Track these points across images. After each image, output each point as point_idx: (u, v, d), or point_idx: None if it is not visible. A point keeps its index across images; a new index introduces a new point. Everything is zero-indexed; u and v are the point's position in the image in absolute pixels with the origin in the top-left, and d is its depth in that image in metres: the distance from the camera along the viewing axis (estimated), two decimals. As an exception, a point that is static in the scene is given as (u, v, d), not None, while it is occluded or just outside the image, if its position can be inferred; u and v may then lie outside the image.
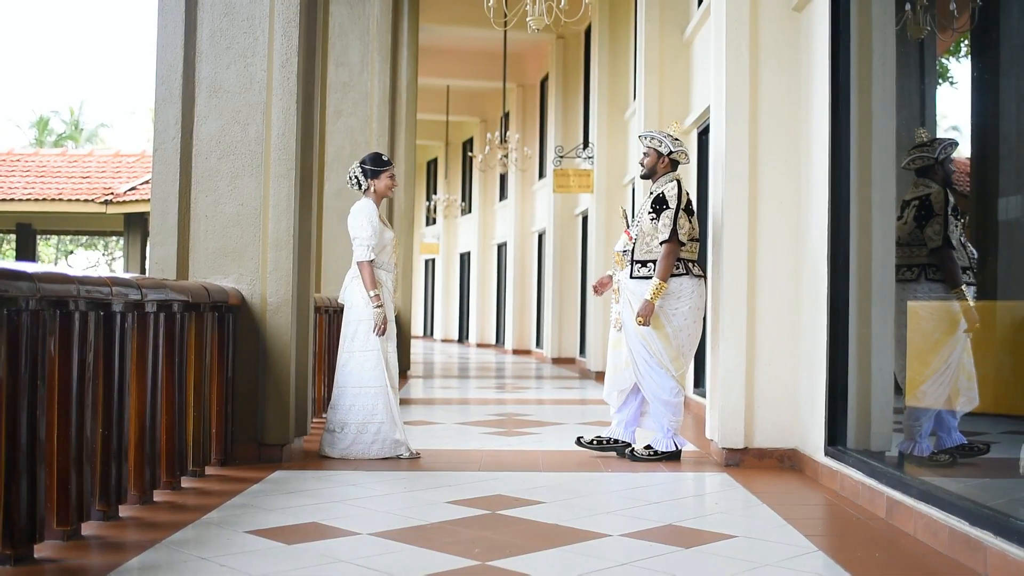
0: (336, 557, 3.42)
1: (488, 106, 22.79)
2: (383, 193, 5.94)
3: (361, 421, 5.71)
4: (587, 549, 3.60)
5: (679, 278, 5.74)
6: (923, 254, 4.84)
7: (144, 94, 67.49)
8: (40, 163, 19.47)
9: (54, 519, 3.46)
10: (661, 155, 5.92)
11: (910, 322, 4.95)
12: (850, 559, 3.54)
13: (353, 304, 5.81)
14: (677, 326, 5.74)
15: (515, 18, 9.36)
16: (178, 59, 5.56)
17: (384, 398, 5.73)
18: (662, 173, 5.94)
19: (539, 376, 13.98)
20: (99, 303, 3.71)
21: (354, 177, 5.92)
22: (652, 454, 5.78)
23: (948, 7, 4.85)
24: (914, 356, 4.93)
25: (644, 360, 5.78)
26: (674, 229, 5.69)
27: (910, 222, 4.88)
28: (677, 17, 9.92)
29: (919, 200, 4.86)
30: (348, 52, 9.26)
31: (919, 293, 4.87)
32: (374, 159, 5.96)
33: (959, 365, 4.70)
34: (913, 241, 4.88)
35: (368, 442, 5.69)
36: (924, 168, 4.89)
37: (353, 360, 5.78)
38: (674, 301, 5.74)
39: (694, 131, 9.39)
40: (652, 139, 5.97)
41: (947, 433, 4.83)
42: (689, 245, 5.82)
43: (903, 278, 4.92)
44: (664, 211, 5.74)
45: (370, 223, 5.75)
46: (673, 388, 5.76)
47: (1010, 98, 4.60)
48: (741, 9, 5.67)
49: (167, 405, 4.47)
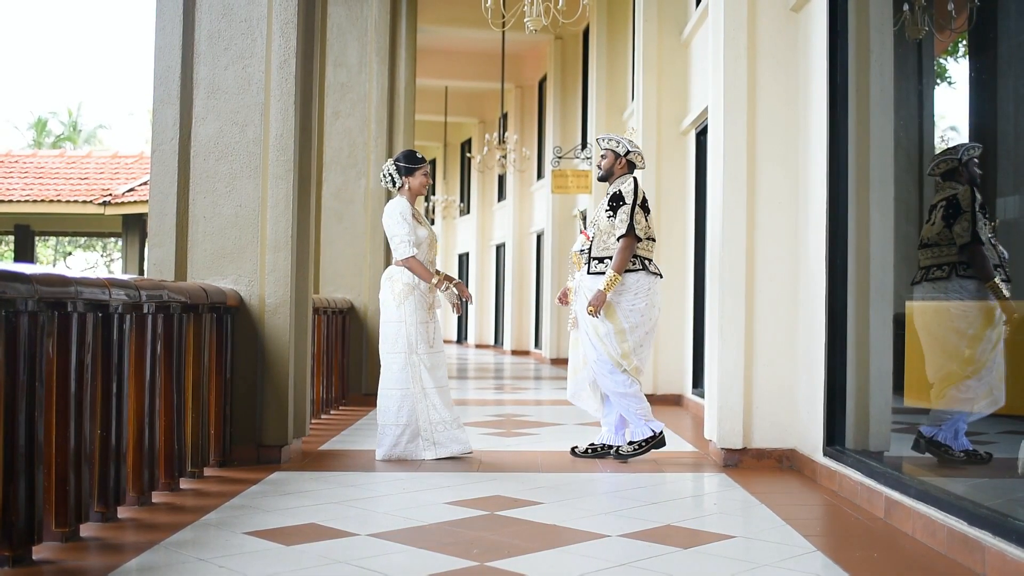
0: (335, 558, 3.42)
1: (486, 107, 22.79)
2: (417, 191, 5.90)
3: (384, 423, 5.71)
4: (586, 550, 3.60)
5: (635, 274, 5.75)
6: (952, 252, 4.81)
7: (142, 95, 67.54)
8: (38, 164, 19.47)
9: (52, 520, 3.46)
10: (618, 156, 5.95)
11: (942, 320, 4.92)
12: (849, 559, 3.54)
13: (384, 305, 5.78)
14: (634, 322, 5.73)
15: (513, 19, 9.38)
16: (176, 60, 5.56)
17: (410, 402, 5.68)
18: (619, 174, 5.96)
19: (538, 377, 13.97)
20: (97, 304, 3.71)
21: (388, 175, 5.88)
22: (636, 448, 5.78)
23: (946, 7, 4.85)
24: (946, 354, 4.90)
25: (594, 360, 5.80)
26: (631, 224, 5.71)
27: (938, 223, 4.86)
28: (675, 17, 9.92)
29: (946, 200, 4.84)
30: (346, 53, 9.26)
31: (950, 291, 4.84)
32: (408, 156, 5.92)
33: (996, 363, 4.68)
34: (942, 241, 4.86)
35: (388, 446, 5.68)
36: (949, 171, 4.87)
37: (384, 362, 5.77)
38: (631, 297, 5.74)
39: (692, 131, 9.39)
40: (609, 140, 6.01)
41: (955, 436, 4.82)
42: (646, 243, 5.82)
43: (933, 277, 4.88)
44: (621, 207, 5.76)
45: (404, 220, 5.72)
46: (626, 380, 5.75)
47: (1008, 98, 4.60)
48: (739, 10, 5.67)
49: (165, 406, 4.47)
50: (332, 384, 8.31)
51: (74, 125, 40.16)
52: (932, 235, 4.92)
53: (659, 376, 9.72)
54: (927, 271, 4.92)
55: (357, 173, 9.18)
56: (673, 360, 9.71)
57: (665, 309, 9.71)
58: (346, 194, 9.15)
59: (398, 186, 5.88)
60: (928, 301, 4.93)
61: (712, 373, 5.82)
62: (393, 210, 5.78)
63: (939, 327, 4.97)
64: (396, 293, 5.71)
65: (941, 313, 4.89)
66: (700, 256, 8.88)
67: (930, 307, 4.93)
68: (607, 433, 5.96)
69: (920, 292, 4.97)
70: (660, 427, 5.84)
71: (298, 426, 5.81)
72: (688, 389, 9.37)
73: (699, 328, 8.82)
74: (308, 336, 6.04)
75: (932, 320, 4.97)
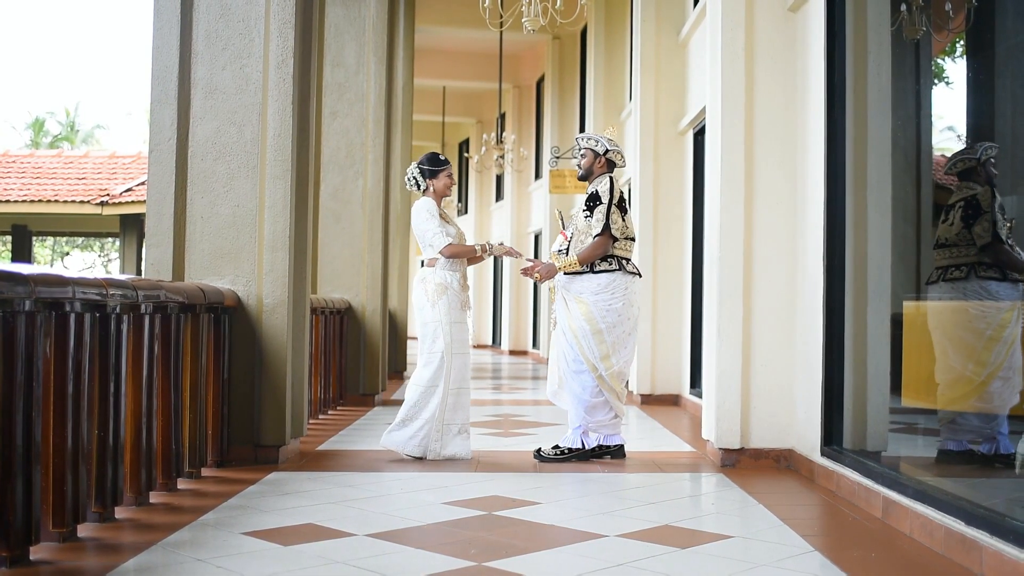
0: (332, 558, 3.42)
1: (484, 107, 22.79)
2: (442, 192, 5.94)
3: (406, 416, 5.72)
4: (583, 550, 3.60)
5: (611, 274, 5.76)
6: (971, 253, 4.78)
7: (140, 95, 67.49)
8: (36, 164, 19.45)
9: (50, 521, 3.46)
10: (598, 155, 5.96)
11: (959, 320, 4.90)
12: (846, 559, 3.54)
13: (418, 307, 5.80)
14: (611, 322, 5.73)
15: (511, 19, 9.37)
16: (174, 60, 5.56)
17: (439, 399, 5.67)
18: (598, 173, 5.97)
19: (535, 377, 13.97)
20: (95, 305, 3.70)
21: (412, 178, 5.93)
22: (559, 453, 5.77)
23: (943, 7, 4.85)
24: (961, 355, 4.88)
25: (571, 359, 5.80)
26: (606, 223, 5.72)
27: (956, 223, 4.81)
28: (673, 17, 9.93)
29: (964, 200, 4.81)
30: (344, 53, 9.25)
31: (968, 291, 4.82)
32: (431, 159, 5.96)
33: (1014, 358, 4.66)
34: (960, 241, 4.83)
35: (405, 438, 5.68)
36: (967, 171, 4.85)
37: (422, 360, 5.77)
38: (607, 297, 5.74)
39: (690, 131, 9.40)
40: (588, 139, 6.03)
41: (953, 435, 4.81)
42: (623, 243, 5.83)
43: (951, 277, 4.85)
44: (597, 207, 5.77)
45: (431, 216, 5.76)
46: (593, 388, 5.75)
47: (1006, 98, 4.60)
48: (737, 10, 5.67)
49: (163, 406, 4.47)
50: (330, 384, 8.31)
51: (72, 125, 40.13)
52: (950, 235, 4.88)
53: (657, 376, 9.73)
54: (944, 271, 4.87)
55: (355, 173, 9.17)
56: (671, 360, 9.72)
57: (663, 309, 9.74)
58: (344, 194, 9.14)
59: (422, 188, 5.93)
60: (945, 301, 4.89)
61: (710, 373, 5.82)
62: (420, 208, 5.83)
63: (956, 327, 4.94)
64: (429, 294, 5.73)
65: (959, 313, 4.85)
66: (698, 256, 8.88)
67: (947, 307, 4.90)
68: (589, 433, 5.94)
69: (937, 292, 4.93)
70: (591, 444, 5.79)
71: (296, 426, 5.81)
72: (686, 389, 9.38)
73: (697, 328, 8.83)
74: (306, 336, 6.04)
75: (949, 320, 4.94)
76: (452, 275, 5.79)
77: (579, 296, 5.78)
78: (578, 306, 5.77)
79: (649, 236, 9.74)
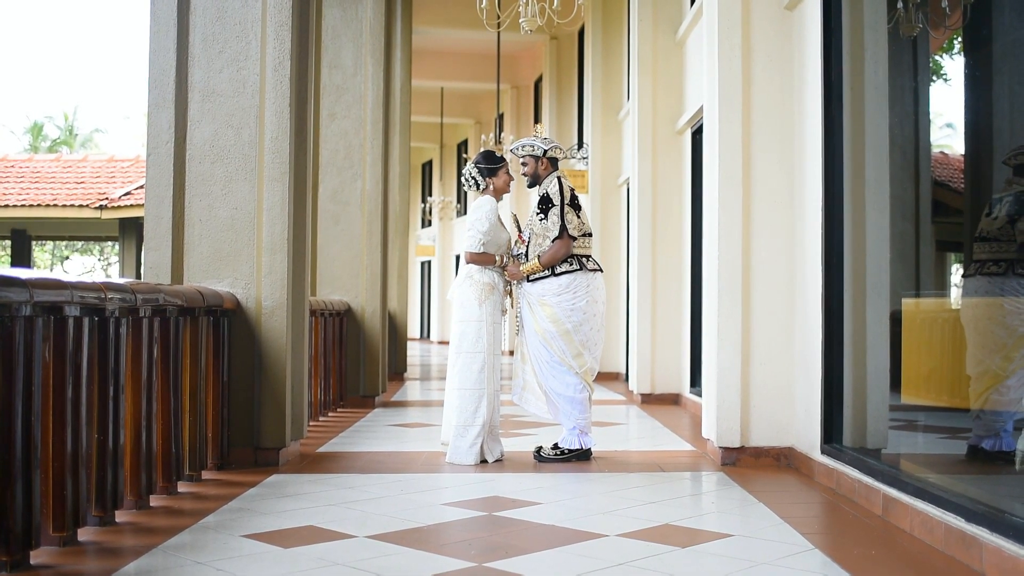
0: (333, 560, 3.42)
1: (482, 108, 22.79)
2: (502, 190, 5.93)
3: (462, 424, 5.66)
4: (584, 549, 3.60)
5: (571, 274, 5.76)
6: (1012, 249, 4.73)
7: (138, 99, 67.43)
8: (34, 169, 19.45)
9: (50, 525, 3.46)
10: (538, 158, 5.96)
11: (993, 315, 4.85)
12: (847, 557, 3.54)
13: (463, 304, 5.75)
14: (576, 321, 5.73)
15: (508, 19, 9.37)
16: (171, 64, 5.56)
17: (487, 401, 5.66)
18: (545, 175, 5.97)
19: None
20: (94, 308, 3.71)
21: (471, 178, 5.90)
22: (559, 453, 5.77)
23: (940, 4, 4.85)
24: (989, 350, 4.84)
25: (545, 361, 5.80)
26: (563, 225, 5.72)
27: (1001, 217, 4.75)
28: (670, 17, 9.94)
29: (1014, 196, 4.74)
30: (341, 55, 9.26)
31: (1005, 288, 4.77)
32: (488, 157, 5.94)
33: None
34: (1002, 237, 4.76)
35: (466, 447, 5.63)
36: (1021, 166, 4.76)
37: (460, 361, 5.72)
38: (570, 297, 5.75)
39: (688, 130, 9.40)
40: (524, 147, 5.99)
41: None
42: (581, 240, 5.83)
43: (987, 272, 4.78)
44: (551, 209, 5.77)
45: (489, 219, 5.76)
46: (577, 385, 5.75)
47: (1003, 95, 4.60)
48: (733, 9, 5.68)
49: (162, 410, 4.47)
50: (330, 386, 8.31)
51: (70, 129, 40.12)
52: (992, 229, 4.78)
53: (656, 375, 9.73)
54: (982, 265, 4.79)
55: (353, 175, 9.17)
56: (670, 359, 9.72)
57: (662, 309, 9.74)
58: (342, 196, 9.14)
59: (482, 188, 5.91)
60: (980, 296, 4.83)
61: (710, 372, 5.82)
62: (484, 204, 5.82)
63: (989, 322, 4.89)
64: (478, 293, 5.71)
65: (993, 308, 4.81)
66: (697, 255, 8.88)
67: (981, 302, 4.85)
68: None
69: (972, 286, 4.85)
70: (591, 444, 5.82)
71: (296, 428, 5.81)
72: (686, 388, 9.38)
73: (696, 327, 8.82)
74: (305, 338, 6.04)
75: (983, 315, 4.88)
76: (499, 278, 5.83)
77: (542, 299, 5.78)
78: (542, 309, 5.78)
79: (648, 236, 9.74)
